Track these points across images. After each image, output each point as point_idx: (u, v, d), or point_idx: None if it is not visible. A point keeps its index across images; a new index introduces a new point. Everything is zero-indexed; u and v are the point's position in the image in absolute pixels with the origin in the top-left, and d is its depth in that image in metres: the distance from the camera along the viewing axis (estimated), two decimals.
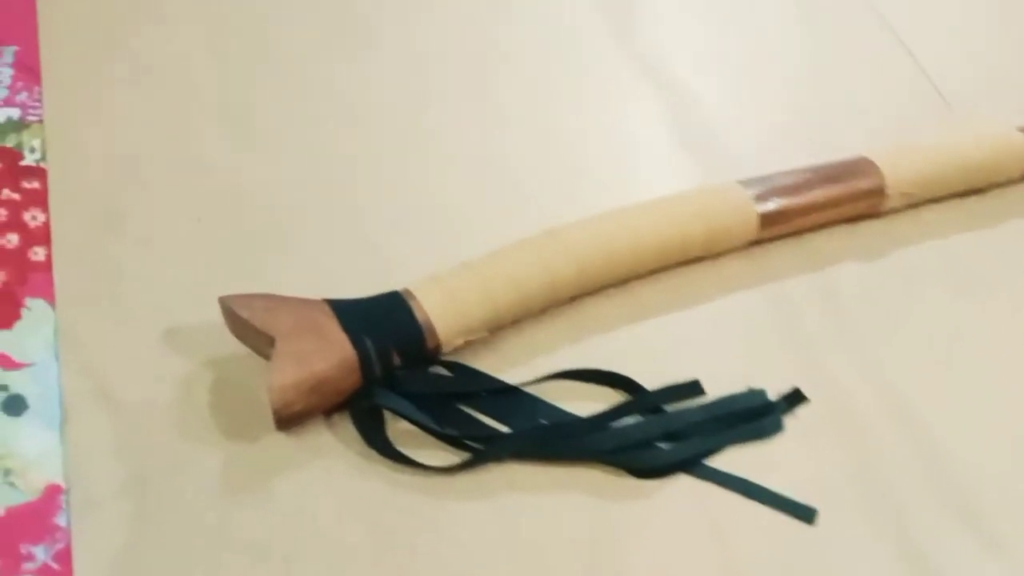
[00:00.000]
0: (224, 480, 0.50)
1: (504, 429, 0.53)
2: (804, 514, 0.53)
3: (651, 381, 0.57)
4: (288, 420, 0.49)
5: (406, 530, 0.49)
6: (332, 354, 0.49)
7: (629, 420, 0.54)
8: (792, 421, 0.57)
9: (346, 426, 0.52)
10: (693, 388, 0.56)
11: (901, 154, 0.67)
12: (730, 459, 0.55)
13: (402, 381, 0.51)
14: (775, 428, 0.56)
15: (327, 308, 0.51)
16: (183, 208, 0.61)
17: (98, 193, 0.61)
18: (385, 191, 0.65)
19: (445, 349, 0.53)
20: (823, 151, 0.68)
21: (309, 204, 0.63)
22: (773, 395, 0.57)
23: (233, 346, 0.53)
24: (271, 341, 0.49)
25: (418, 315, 0.52)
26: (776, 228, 0.63)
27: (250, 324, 0.49)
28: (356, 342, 0.50)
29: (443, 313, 0.52)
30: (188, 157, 0.64)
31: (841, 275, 0.65)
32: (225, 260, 0.59)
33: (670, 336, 0.60)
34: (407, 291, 0.53)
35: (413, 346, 0.51)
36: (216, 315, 0.53)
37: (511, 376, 0.56)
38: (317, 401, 0.49)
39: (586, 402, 0.56)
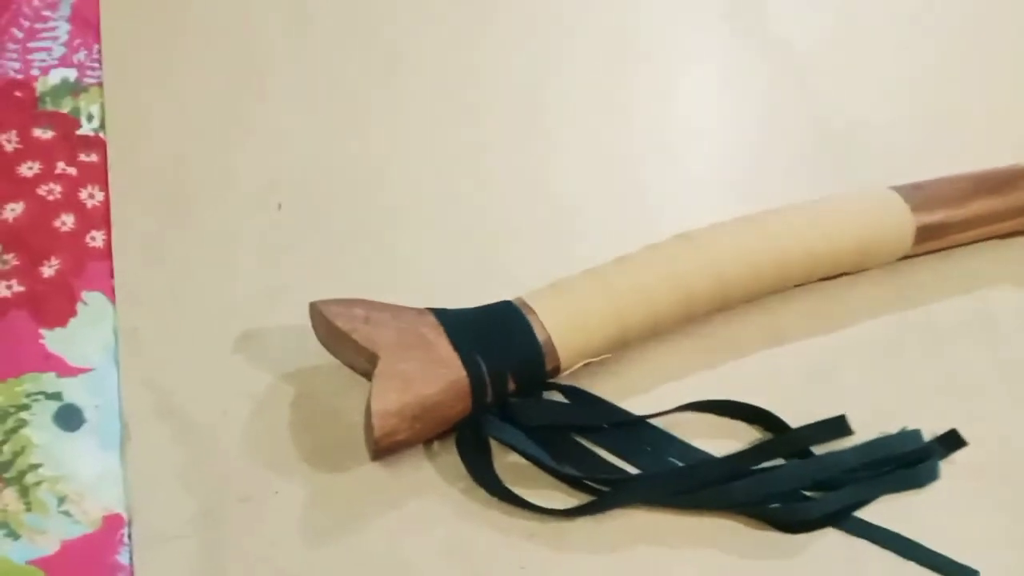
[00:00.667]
0: (306, 516, 0.43)
1: (629, 468, 0.46)
2: None
3: (789, 414, 0.49)
4: (387, 450, 0.42)
5: None
6: (441, 376, 0.42)
7: (770, 462, 0.47)
8: (948, 468, 0.49)
9: (449, 458, 0.45)
10: (839, 426, 0.49)
11: None
12: (878, 510, 0.47)
13: (515, 409, 0.44)
14: (931, 476, 0.48)
15: (433, 320, 0.44)
16: (261, 192, 0.54)
17: (164, 170, 0.54)
18: (497, 187, 0.57)
19: (564, 372, 0.46)
20: (967, 158, 0.60)
21: (407, 194, 0.56)
22: (928, 436, 0.50)
23: (320, 356, 0.46)
24: (372, 357, 0.42)
25: (538, 332, 0.44)
26: (931, 243, 0.55)
27: (349, 338, 0.42)
28: (467, 363, 0.43)
29: (566, 330, 0.45)
30: (267, 133, 0.57)
31: (997, 300, 0.57)
32: (309, 255, 0.52)
33: (810, 363, 0.52)
34: (523, 302, 0.45)
35: (531, 369, 0.44)
36: (300, 319, 0.46)
37: (632, 405, 0.48)
38: (421, 429, 0.42)
39: (717, 440, 0.48)
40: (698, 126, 0.63)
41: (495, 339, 0.44)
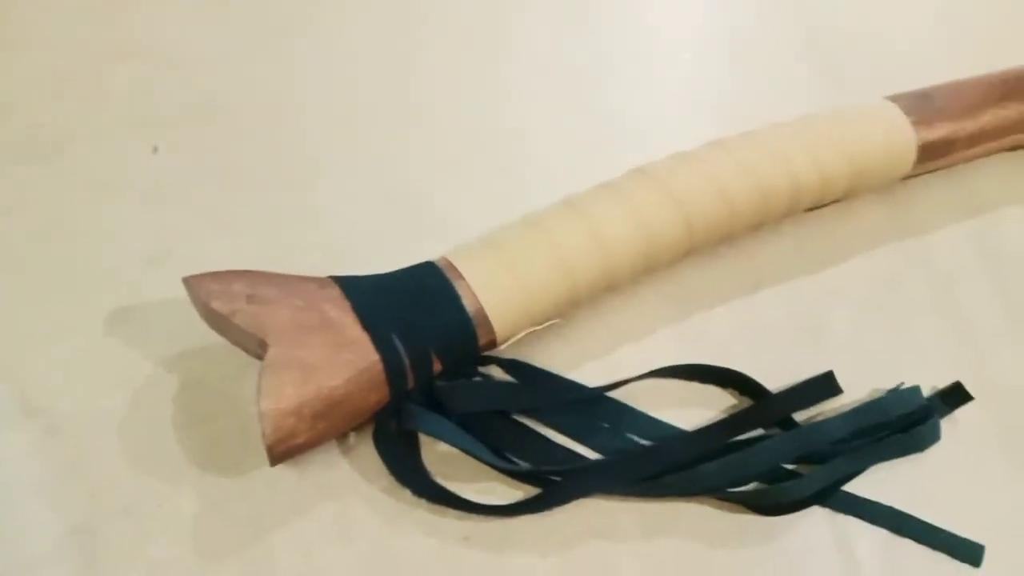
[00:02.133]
0: (199, 529, 0.36)
1: (584, 451, 0.39)
2: (969, 554, 0.40)
3: (771, 373, 0.42)
4: (286, 454, 0.35)
5: None
6: (348, 363, 0.35)
7: (748, 434, 0.40)
8: (951, 427, 0.43)
9: (369, 452, 0.38)
10: (826, 385, 0.42)
11: None
12: (870, 480, 0.41)
13: (443, 394, 0.36)
14: (931, 438, 0.42)
15: (338, 293, 0.36)
16: (132, 132, 0.45)
17: (14, 105, 0.44)
18: (429, 117, 0.49)
19: (502, 345, 0.38)
20: (987, 59, 0.51)
21: (318, 133, 0.47)
22: (928, 391, 0.43)
23: (208, 336, 0.38)
24: (262, 344, 0.34)
25: (466, 301, 0.36)
26: (935, 162, 0.47)
27: (230, 322, 0.34)
28: (381, 344, 0.35)
29: (502, 296, 0.37)
30: (143, 56, 0.47)
31: (1004, 225, 0.50)
32: (195, 210, 0.43)
33: (794, 312, 0.45)
34: (448, 264, 0.37)
35: (460, 346, 0.36)
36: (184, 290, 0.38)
37: (588, 375, 0.41)
38: (326, 428, 0.35)
39: (687, 409, 0.42)
40: (671, 37, 0.54)
41: (415, 312, 0.36)
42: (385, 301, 0.36)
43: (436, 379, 0.37)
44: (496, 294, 0.37)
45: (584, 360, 0.42)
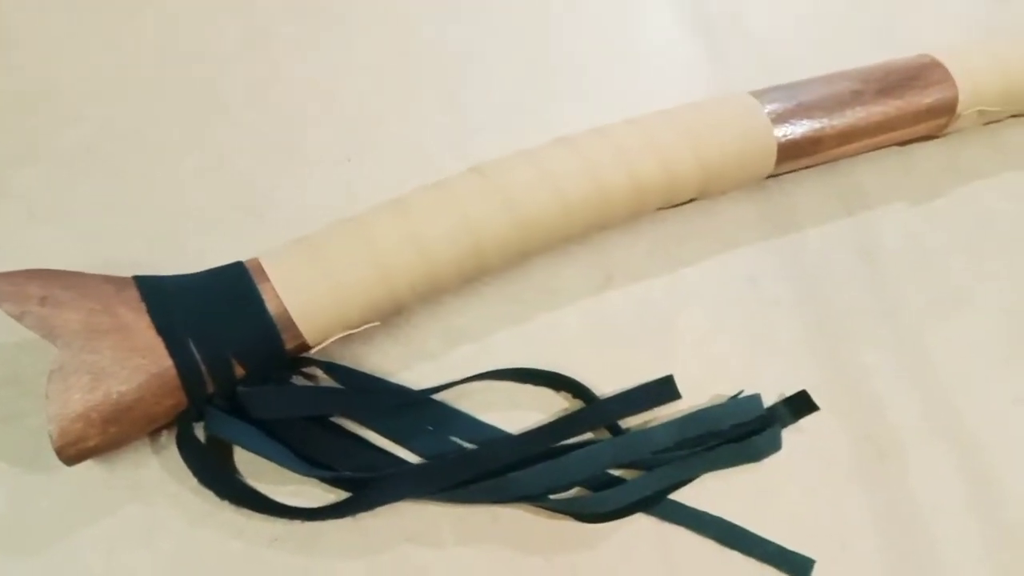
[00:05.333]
0: (4, 527, 0.36)
1: (404, 454, 0.39)
2: (798, 568, 0.40)
3: (615, 375, 0.42)
4: (79, 456, 0.35)
5: None
6: (139, 368, 0.34)
7: (577, 438, 0.40)
8: (795, 436, 0.42)
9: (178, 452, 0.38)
10: (664, 389, 0.41)
11: (982, 55, 0.48)
12: (706, 489, 0.41)
13: (247, 400, 0.36)
14: (770, 447, 0.41)
15: (135, 295, 0.35)
16: None
17: None
18: (275, 114, 0.47)
19: (315, 348, 0.38)
20: (880, 46, 0.49)
21: (140, 106, 0.45)
22: (775, 397, 0.43)
23: (21, 331, 0.38)
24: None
25: (270, 304, 0.36)
26: (801, 161, 0.45)
27: (22, 322, 0.34)
28: (174, 349, 0.34)
29: (308, 299, 0.36)
30: None
31: (885, 223, 0.48)
32: (16, 196, 0.42)
33: (644, 310, 0.44)
34: (257, 265, 0.37)
35: (263, 350, 0.36)
36: None
37: (423, 376, 0.41)
38: (119, 433, 0.35)
39: (523, 411, 0.41)
40: (551, 18, 0.52)
41: (214, 315, 0.35)
42: (184, 304, 0.35)
43: (241, 383, 0.36)
44: (303, 296, 0.36)
45: (418, 361, 0.41)
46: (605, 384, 0.42)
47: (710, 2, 0.52)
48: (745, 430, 0.41)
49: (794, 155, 0.44)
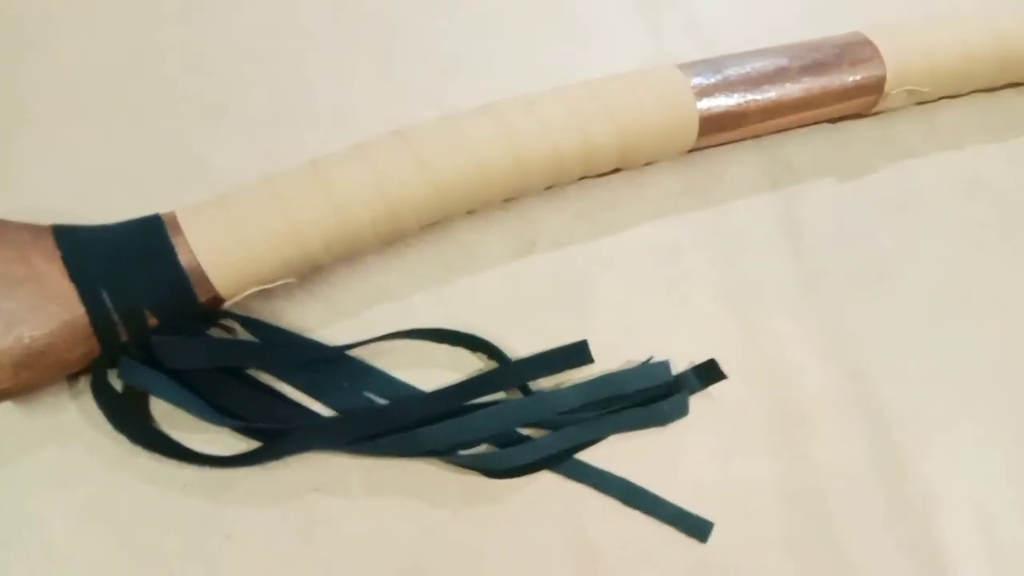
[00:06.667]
0: None
1: (319, 408, 0.40)
2: (697, 529, 0.41)
3: (533, 337, 0.43)
4: None
5: (168, 545, 0.38)
6: (52, 315, 0.35)
7: (488, 397, 0.41)
8: (705, 403, 0.43)
9: None
10: (578, 353, 0.42)
11: (912, 33, 0.48)
12: (614, 450, 0.42)
13: (160, 349, 0.37)
14: (678, 412, 0.43)
15: (51, 244, 0.36)
16: None
17: None
18: (206, 73, 0.47)
19: (229, 302, 0.39)
20: (821, 22, 0.50)
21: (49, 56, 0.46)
22: (688, 364, 0.44)
23: None
24: None
25: (183, 257, 0.37)
26: (724, 135, 0.46)
27: None
28: (87, 298, 0.36)
29: (221, 253, 0.37)
30: None
31: (811, 197, 0.49)
32: None
33: (564, 276, 0.45)
34: (173, 219, 0.38)
35: (175, 302, 0.37)
36: None
37: (341, 333, 0.42)
38: (31, 377, 0.36)
39: (438, 370, 0.42)
40: None
41: (128, 267, 0.36)
42: (99, 253, 0.36)
43: (155, 333, 0.37)
44: (216, 250, 0.37)
45: (337, 318, 0.42)
46: (522, 348, 0.43)
47: None
48: (653, 395, 0.42)
49: (717, 129, 0.45)
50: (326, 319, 0.42)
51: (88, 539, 0.37)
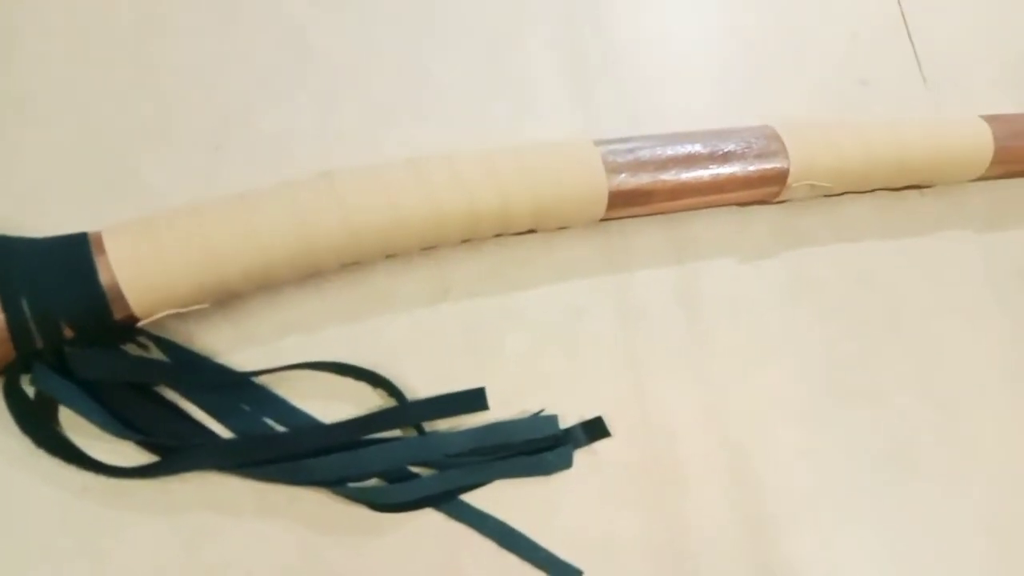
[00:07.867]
0: None
1: (220, 429, 0.42)
2: (566, 575, 0.44)
3: (436, 381, 0.46)
4: None
5: (58, 543, 0.39)
6: None
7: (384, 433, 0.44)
8: (589, 457, 0.46)
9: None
10: (474, 400, 0.45)
11: (819, 132, 0.52)
12: (500, 495, 0.45)
13: (71, 360, 0.39)
14: (562, 464, 0.46)
15: None
16: None
17: None
18: (150, 97, 0.49)
19: (143, 321, 0.41)
20: (741, 111, 0.54)
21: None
22: (577, 420, 0.47)
23: None
24: None
25: (102, 275, 0.39)
26: (633, 209, 0.49)
27: None
28: (7, 304, 0.38)
29: (140, 275, 0.40)
30: None
31: (711, 274, 0.53)
32: None
33: (473, 326, 0.48)
34: (99, 237, 0.40)
35: (91, 316, 0.39)
36: None
37: (249, 359, 0.44)
38: None
39: (339, 403, 0.45)
40: (398, 39, 0.55)
41: (50, 279, 0.39)
42: (24, 264, 0.38)
43: (70, 344, 0.39)
44: (134, 272, 0.39)
45: (247, 344, 0.45)
46: (424, 390, 0.45)
47: (588, 46, 0.56)
48: (539, 445, 0.45)
49: (626, 203, 0.48)
50: (238, 344, 0.45)
51: None
